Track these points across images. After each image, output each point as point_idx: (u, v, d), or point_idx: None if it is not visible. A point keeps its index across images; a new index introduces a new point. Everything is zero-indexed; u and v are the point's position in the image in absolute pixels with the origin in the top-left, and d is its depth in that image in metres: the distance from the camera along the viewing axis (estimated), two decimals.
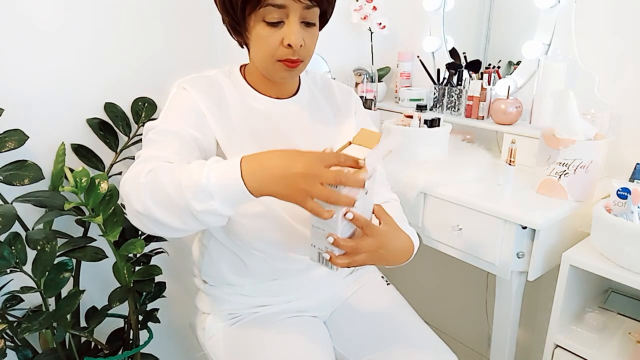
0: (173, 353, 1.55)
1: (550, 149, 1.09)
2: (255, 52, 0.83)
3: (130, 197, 0.68)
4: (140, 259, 1.25)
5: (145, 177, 0.67)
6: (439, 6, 1.62)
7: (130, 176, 0.70)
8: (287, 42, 0.77)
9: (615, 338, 1.03)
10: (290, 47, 0.78)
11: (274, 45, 0.78)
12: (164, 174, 0.67)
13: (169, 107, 0.82)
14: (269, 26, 0.77)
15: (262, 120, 0.86)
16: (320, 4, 0.79)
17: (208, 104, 0.82)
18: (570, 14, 1.28)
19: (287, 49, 0.78)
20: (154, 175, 0.67)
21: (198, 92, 0.82)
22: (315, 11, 0.79)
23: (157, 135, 0.77)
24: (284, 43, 0.78)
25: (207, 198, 0.64)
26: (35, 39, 1.12)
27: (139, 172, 0.69)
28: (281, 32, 0.78)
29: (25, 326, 0.99)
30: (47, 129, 1.17)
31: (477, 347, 1.74)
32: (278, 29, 0.78)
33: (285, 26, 0.78)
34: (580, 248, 1.01)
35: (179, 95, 0.83)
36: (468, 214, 1.11)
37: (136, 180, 0.68)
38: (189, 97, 0.82)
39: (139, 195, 0.67)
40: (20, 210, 1.08)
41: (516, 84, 1.44)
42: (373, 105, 1.59)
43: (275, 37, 0.78)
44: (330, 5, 0.83)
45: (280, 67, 0.81)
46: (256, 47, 0.81)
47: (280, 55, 0.79)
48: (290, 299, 0.94)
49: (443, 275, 1.82)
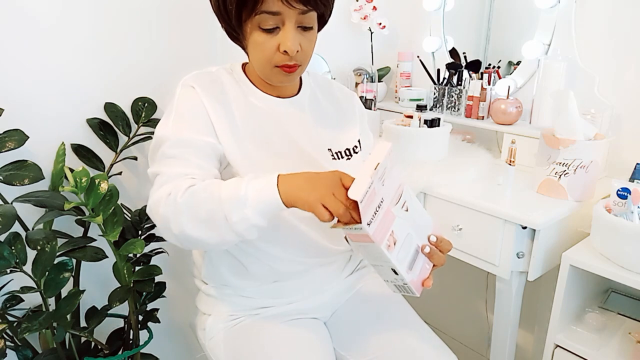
0: (173, 353, 1.55)
1: (550, 149, 1.09)
2: (253, 57, 0.82)
3: (169, 219, 0.71)
4: (140, 259, 1.25)
5: (182, 196, 0.70)
6: (439, 6, 1.62)
7: (163, 196, 0.72)
8: (283, 48, 0.77)
9: (615, 338, 1.03)
10: (286, 53, 0.77)
11: (271, 51, 0.78)
12: (201, 191, 0.70)
13: (178, 112, 0.81)
14: (265, 33, 0.77)
15: (264, 118, 0.86)
16: (317, 8, 0.78)
17: (212, 102, 0.81)
18: (570, 14, 1.28)
19: (283, 55, 0.78)
20: (192, 192, 0.70)
21: (202, 89, 0.82)
22: (311, 15, 0.79)
23: (173, 149, 0.77)
24: (280, 49, 0.77)
25: (242, 206, 0.67)
26: (35, 38, 1.12)
27: (173, 191, 0.71)
28: (277, 38, 0.77)
29: (25, 326, 0.99)
30: (47, 129, 1.17)
31: (477, 347, 1.74)
32: (274, 35, 0.77)
33: (281, 32, 0.77)
34: (580, 248, 1.01)
35: (185, 96, 0.82)
36: (468, 214, 1.10)
37: (172, 201, 0.70)
38: (196, 97, 0.81)
39: (176, 216, 0.70)
40: (20, 210, 1.08)
41: (516, 84, 1.44)
42: (373, 105, 1.59)
43: (272, 44, 0.78)
44: (328, 8, 0.82)
45: (278, 72, 0.81)
46: (253, 53, 0.81)
47: (277, 61, 0.79)
48: (291, 300, 0.94)
49: (443, 275, 1.82)
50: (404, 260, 0.69)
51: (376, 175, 0.64)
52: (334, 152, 0.91)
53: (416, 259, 0.72)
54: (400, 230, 0.69)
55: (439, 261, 0.77)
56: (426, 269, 0.74)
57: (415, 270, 0.71)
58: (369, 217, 0.63)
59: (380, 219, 0.65)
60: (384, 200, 0.66)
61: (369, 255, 0.70)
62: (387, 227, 0.67)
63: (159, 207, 0.72)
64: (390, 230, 0.67)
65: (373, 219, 0.64)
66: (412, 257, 0.71)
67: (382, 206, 0.66)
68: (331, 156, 0.90)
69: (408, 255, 0.70)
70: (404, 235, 0.70)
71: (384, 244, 0.66)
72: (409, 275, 0.70)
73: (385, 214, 0.67)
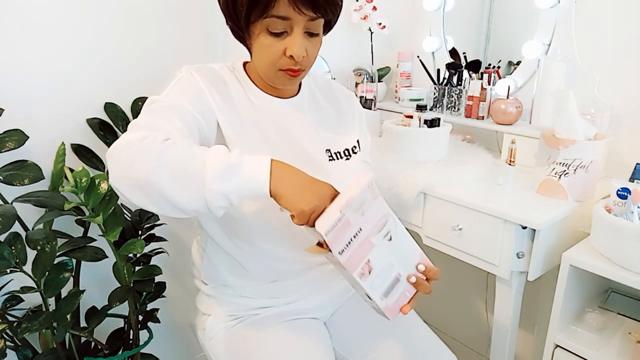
0: (173, 353, 1.55)
1: (550, 149, 1.09)
2: (257, 59, 0.82)
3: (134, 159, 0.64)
4: (140, 259, 1.25)
5: (160, 143, 0.65)
6: (439, 6, 1.62)
7: (135, 138, 0.66)
8: (290, 53, 0.77)
9: (615, 338, 1.03)
10: (292, 58, 0.78)
11: (277, 55, 0.78)
12: (183, 147, 0.66)
13: (174, 88, 0.80)
14: (273, 36, 0.77)
15: (264, 118, 0.86)
16: (325, 15, 0.79)
17: (213, 92, 0.81)
18: (570, 14, 1.28)
19: (289, 59, 0.78)
20: (172, 143, 0.66)
21: (205, 79, 0.81)
22: (319, 22, 0.79)
23: (161, 107, 0.75)
24: (287, 54, 0.78)
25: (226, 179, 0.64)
26: (35, 39, 1.12)
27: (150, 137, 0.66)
28: (284, 42, 0.77)
29: (25, 326, 0.99)
30: (47, 129, 1.17)
31: (477, 347, 1.74)
32: (281, 39, 0.77)
33: (288, 37, 0.77)
34: (580, 248, 1.01)
35: (185, 79, 0.81)
36: (468, 214, 1.11)
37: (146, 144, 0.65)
38: (196, 83, 0.81)
39: (146, 157, 0.64)
40: (20, 210, 1.08)
41: (516, 84, 1.44)
42: (373, 105, 1.59)
43: (278, 47, 0.78)
44: (335, 16, 0.83)
45: (282, 76, 0.81)
46: (258, 55, 0.81)
47: (282, 65, 0.79)
48: (290, 300, 0.94)
49: (443, 275, 1.80)
50: (379, 287, 0.72)
51: (349, 207, 0.67)
52: (332, 153, 0.91)
53: (395, 286, 0.74)
54: (378, 258, 0.70)
55: (424, 290, 0.77)
56: (406, 296, 0.75)
57: (392, 297, 0.73)
58: (341, 246, 0.66)
59: (356, 248, 0.68)
60: (361, 230, 0.68)
61: (346, 278, 0.74)
62: (362, 255, 0.69)
63: (125, 146, 0.66)
64: (366, 259, 0.69)
65: (347, 248, 0.66)
66: (390, 284, 0.73)
67: (359, 235, 0.68)
68: (329, 156, 0.90)
69: (385, 282, 0.72)
70: (383, 264, 0.71)
71: (357, 272, 0.68)
72: (383, 302, 0.72)
73: (363, 243, 0.69)
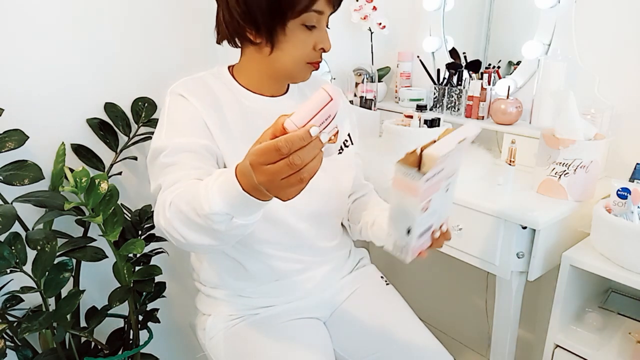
0: (173, 353, 1.55)
1: (550, 149, 1.09)
2: (284, 55, 0.82)
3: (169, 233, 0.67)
4: (140, 259, 1.25)
5: (169, 211, 0.67)
6: (439, 6, 1.62)
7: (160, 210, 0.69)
8: (321, 46, 0.82)
9: (615, 338, 1.03)
10: (323, 50, 0.82)
11: (309, 48, 0.82)
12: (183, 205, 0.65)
13: (171, 120, 0.81)
14: (308, 30, 0.81)
15: (256, 118, 0.86)
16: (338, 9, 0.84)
17: (205, 107, 0.82)
18: (570, 14, 1.28)
19: (318, 52, 0.83)
20: (176, 208, 0.66)
21: (193, 96, 0.82)
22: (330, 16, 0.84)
23: (169, 157, 0.76)
24: (316, 47, 0.82)
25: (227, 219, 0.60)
26: (35, 38, 1.12)
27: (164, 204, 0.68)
28: (314, 36, 0.81)
29: (25, 326, 0.99)
30: (47, 129, 1.17)
31: (477, 347, 1.74)
32: (312, 32, 0.81)
33: (317, 31, 0.81)
34: (580, 248, 1.01)
35: (176, 104, 0.82)
36: (468, 214, 1.10)
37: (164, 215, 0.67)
38: (187, 105, 0.81)
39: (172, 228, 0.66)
40: (20, 210, 1.08)
41: (516, 84, 1.43)
42: (373, 105, 1.59)
43: (310, 41, 0.82)
44: None
45: (308, 69, 0.85)
46: (289, 50, 0.82)
47: (311, 58, 0.83)
48: (290, 299, 0.94)
49: (443, 275, 1.82)
50: (421, 227, 0.72)
51: (457, 147, 0.66)
52: None
53: (426, 233, 0.75)
54: (435, 201, 0.71)
55: (437, 245, 0.79)
56: (426, 244, 0.77)
57: (420, 241, 0.74)
58: (432, 174, 0.63)
59: (433, 183, 0.67)
60: (442, 171, 0.68)
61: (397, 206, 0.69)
62: (430, 192, 0.68)
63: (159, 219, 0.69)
64: (430, 197, 0.69)
65: (431, 178, 0.65)
66: (425, 229, 0.74)
67: (439, 174, 0.67)
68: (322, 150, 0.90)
69: (424, 225, 0.73)
70: (433, 209, 0.72)
71: (423, 204, 0.67)
72: (416, 241, 0.72)
73: (437, 182, 0.68)
